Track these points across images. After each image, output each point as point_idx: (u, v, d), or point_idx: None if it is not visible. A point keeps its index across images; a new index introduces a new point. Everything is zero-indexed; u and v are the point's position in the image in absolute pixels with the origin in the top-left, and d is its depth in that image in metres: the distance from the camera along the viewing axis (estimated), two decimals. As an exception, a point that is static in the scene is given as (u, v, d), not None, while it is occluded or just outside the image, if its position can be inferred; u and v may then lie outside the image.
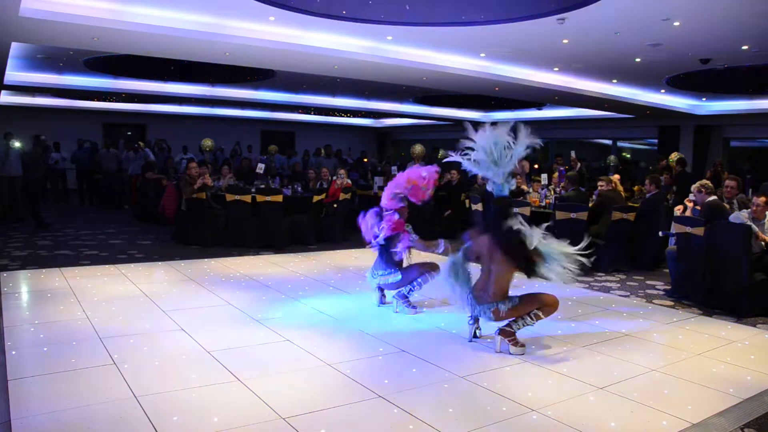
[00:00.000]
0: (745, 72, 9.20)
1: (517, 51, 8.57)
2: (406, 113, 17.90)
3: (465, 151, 4.18)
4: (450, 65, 9.16)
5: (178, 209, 9.16)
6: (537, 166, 12.73)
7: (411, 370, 3.76)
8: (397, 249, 4.95)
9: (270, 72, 10.84)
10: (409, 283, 5.04)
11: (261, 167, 10.51)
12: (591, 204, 7.73)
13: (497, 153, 4.08)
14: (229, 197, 8.30)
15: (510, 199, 4.24)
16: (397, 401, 3.25)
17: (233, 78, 12.22)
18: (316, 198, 9.03)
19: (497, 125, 4.17)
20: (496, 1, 6.26)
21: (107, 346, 3.99)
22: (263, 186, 9.36)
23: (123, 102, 16.12)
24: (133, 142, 13.85)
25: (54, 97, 15.61)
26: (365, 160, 16.79)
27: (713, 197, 6.03)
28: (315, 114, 18.91)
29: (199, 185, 8.23)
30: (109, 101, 16.04)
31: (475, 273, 4.27)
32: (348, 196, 9.27)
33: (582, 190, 8.33)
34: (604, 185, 7.76)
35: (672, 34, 7.08)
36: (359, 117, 20.12)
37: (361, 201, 10.15)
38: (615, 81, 10.97)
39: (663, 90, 11.83)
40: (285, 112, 18.79)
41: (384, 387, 3.44)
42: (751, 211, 5.70)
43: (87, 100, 15.88)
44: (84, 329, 4.35)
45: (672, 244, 6.50)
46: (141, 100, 15.62)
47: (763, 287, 5.42)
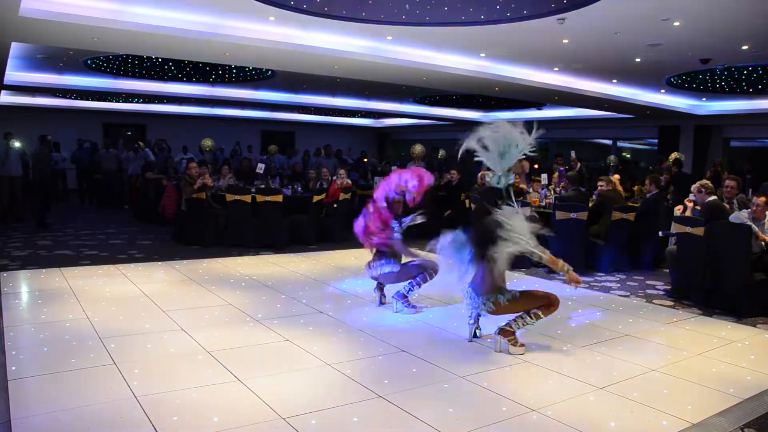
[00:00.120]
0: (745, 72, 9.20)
1: (517, 51, 8.57)
2: (406, 113, 17.89)
3: (479, 138, 4.20)
4: (450, 65, 9.15)
5: (178, 209, 9.16)
6: (537, 166, 12.71)
7: (411, 370, 3.76)
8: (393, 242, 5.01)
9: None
10: (408, 281, 5.05)
11: (261, 167, 10.51)
12: (591, 204, 7.72)
13: (503, 146, 4.10)
14: (229, 197, 8.30)
15: (499, 191, 4.21)
16: (397, 401, 3.25)
17: (233, 78, 12.22)
18: (316, 198, 9.04)
19: (514, 124, 4.19)
20: (496, 1, 6.27)
21: (107, 346, 3.99)
22: (263, 186, 9.36)
23: (123, 102, 16.12)
24: (133, 142, 13.84)
25: (54, 97, 15.61)
26: (365, 160, 16.79)
27: (713, 197, 6.04)
28: (315, 114, 18.90)
29: (199, 185, 8.22)
30: (109, 101, 16.04)
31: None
32: (348, 196, 9.27)
33: (582, 190, 8.33)
34: (604, 185, 7.77)
35: (672, 34, 7.08)
36: (359, 117, 20.11)
37: (361, 201, 10.13)
38: (615, 81, 10.97)
39: (663, 90, 11.83)
40: (285, 112, 18.78)
41: (384, 387, 3.44)
42: (751, 211, 5.70)
43: (87, 100, 15.88)
44: (84, 329, 4.34)
45: (672, 244, 6.50)
46: (141, 99, 15.63)
47: (763, 287, 5.42)
